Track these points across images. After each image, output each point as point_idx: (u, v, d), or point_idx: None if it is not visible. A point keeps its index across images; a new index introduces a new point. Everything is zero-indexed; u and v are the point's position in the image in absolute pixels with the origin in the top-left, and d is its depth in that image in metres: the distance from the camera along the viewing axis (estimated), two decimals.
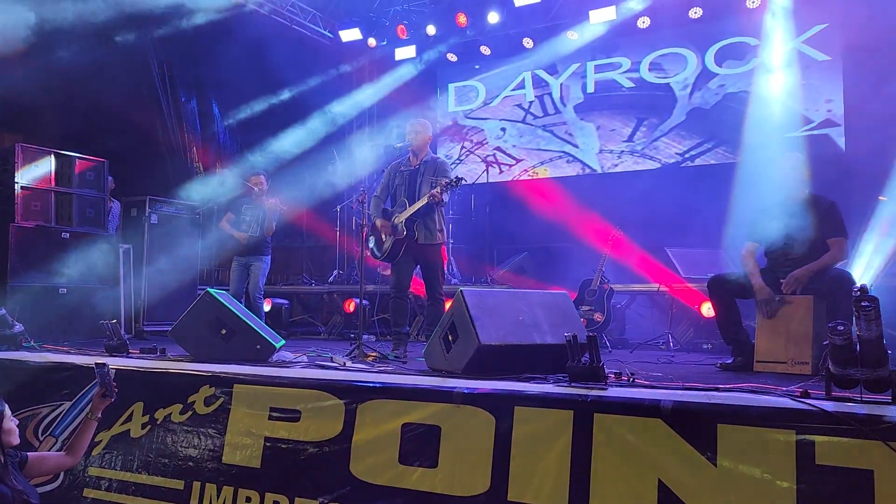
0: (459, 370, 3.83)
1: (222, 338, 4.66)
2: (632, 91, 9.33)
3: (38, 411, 4.41)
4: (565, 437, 3.06)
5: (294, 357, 4.83)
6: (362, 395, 3.60)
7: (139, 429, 4.09)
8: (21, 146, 6.79)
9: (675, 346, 6.54)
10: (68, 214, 7.09)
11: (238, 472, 3.74)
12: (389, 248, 5.45)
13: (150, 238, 7.70)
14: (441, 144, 10.52)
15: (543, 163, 9.92)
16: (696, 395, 3.06)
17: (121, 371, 4.24)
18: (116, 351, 4.94)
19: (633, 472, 2.91)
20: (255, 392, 3.87)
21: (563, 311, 4.20)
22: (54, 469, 3.84)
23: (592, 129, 9.61)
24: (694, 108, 8.95)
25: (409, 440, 3.39)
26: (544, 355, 3.84)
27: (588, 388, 3.22)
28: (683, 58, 9.01)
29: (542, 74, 9.95)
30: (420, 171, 5.47)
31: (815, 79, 8.21)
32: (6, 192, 6.70)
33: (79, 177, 7.18)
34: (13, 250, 6.49)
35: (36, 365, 4.61)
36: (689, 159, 8.95)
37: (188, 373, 4.17)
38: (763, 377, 3.91)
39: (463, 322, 3.86)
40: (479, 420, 3.27)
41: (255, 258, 6.89)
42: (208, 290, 4.82)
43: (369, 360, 4.89)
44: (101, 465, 4.11)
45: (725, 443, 2.78)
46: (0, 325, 5.25)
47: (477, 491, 3.18)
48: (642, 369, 4.31)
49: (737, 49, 8.66)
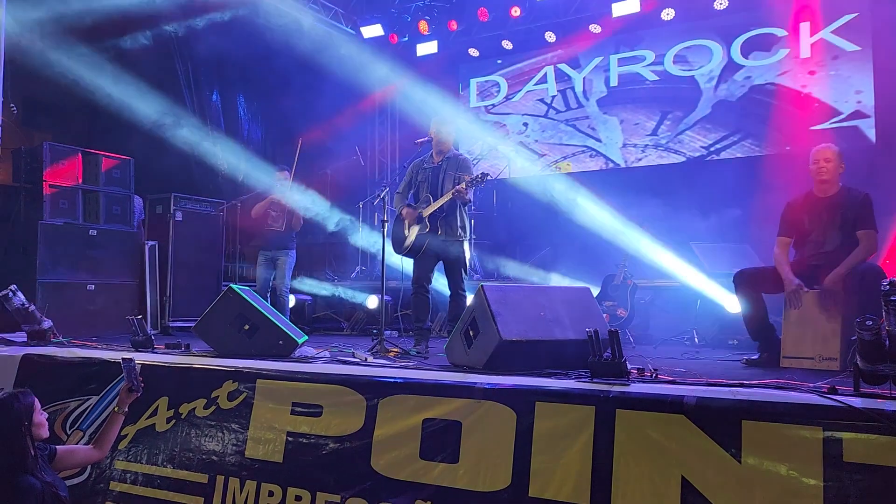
0: (481, 365, 3.82)
1: (245, 333, 4.69)
2: (656, 84, 9.22)
3: (67, 405, 4.48)
4: (587, 432, 3.04)
5: (316, 352, 4.85)
6: (384, 391, 3.61)
7: (164, 423, 4.14)
8: (49, 145, 6.91)
9: (699, 342, 6.47)
10: (95, 212, 7.20)
11: (261, 467, 3.77)
12: (412, 243, 5.45)
13: (174, 235, 7.78)
14: (464, 140, 10.50)
15: (566, 157, 9.86)
16: (720, 390, 3.02)
17: (146, 366, 4.29)
18: (142, 346, 5.00)
19: (656, 468, 2.88)
20: (278, 387, 3.90)
21: (585, 306, 4.17)
22: (82, 462, 3.90)
23: (616, 123, 9.52)
24: (719, 101, 8.82)
25: (431, 435, 3.40)
26: (566, 351, 3.81)
27: (610, 383, 3.20)
28: (708, 50, 8.88)
29: (564, 68, 9.88)
30: (443, 167, 5.46)
31: (844, 69, 8.05)
32: (35, 190, 6.81)
33: (105, 174, 7.29)
34: (42, 247, 6.60)
35: (64, 360, 4.68)
36: (715, 153, 8.84)
37: (212, 368, 4.21)
38: (789, 373, 3.85)
39: (484, 317, 3.84)
40: (500, 415, 3.26)
41: (281, 252, 6.95)
42: (231, 287, 4.85)
43: (391, 355, 4.89)
44: (128, 458, 4.16)
45: (750, 439, 2.74)
46: (29, 320, 5.33)
47: (498, 486, 3.17)
48: (666, 365, 4.26)
49: (763, 40, 8.52)
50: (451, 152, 5.55)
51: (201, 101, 9.85)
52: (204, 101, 9.89)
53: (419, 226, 5.40)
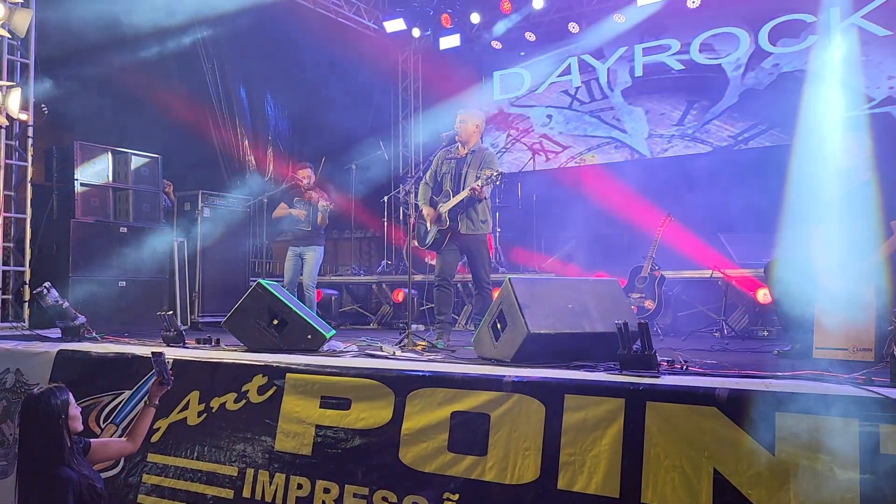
0: (509, 358, 3.82)
1: (274, 328, 4.73)
2: (681, 73, 9.10)
3: (100, 400, 4.56)
4: (617, 425, 3.02)
5: (344, 346, 4.87)
6: (412, 384, 3.61)
7: (195, 417, 4.19)
8: (79, 144, 7.02)
9: (729, 334, 6.39)
10: (125, 210, 7.31)
11: (290, 460, 3.81)
12: (434, 237, 5.45)
13: (203, 231, 7.86)
14: (487, 133, 10.44)
15: (591, 149, 9.79)
16: (752, 382, 2.98)
17: (178, 361, 4.34)
18: (173, 341, 5.06)
19: (688, 461, 2.86)
20: (307, 381, 3.93)
21: (613, 298, 4.14)
22: (116, 455, 3.96)
23: (641, 114, 9.42)
24: (747, 89, 8.69)
25: (459, 428, 3.39)
26: (594, 343, 3.79)
27: (640, 375, 3.17)
28: (735, 37, 8.74)
29: (588, 59, 9.79)
30: (467, 160, 5.44)
31: (875, 55, 7.88)
32: (67, 189, 6.94)
33: (134, 173, 7.39)
34: (74, 245, 6.72)
35: (98, 355, 4.76)
36: (743, 142, 8.71)
37: (242, 362, 4.25)
38: (823, 364, 3.78)
39: (511, 310, 3.83)
40: (528, 408, 3.25)
41: (309, 248, 7.02)
42: (260, 282, 4.89)
43: (418, 349, 4.90)
44: (160, 451, 4.22)
45: (784, 431, 2.70)
46: (63, 317, 5.43)
47: (526, 479, 3.17)
48: (696, 357, 4.22)
49: (792, 26, 8.36)
50: (476, 146, 5.53)
51: (229, 97, 9.94)
52: (232, 98, 9.98)
53: (440, 221, 5.40)
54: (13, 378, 4.88)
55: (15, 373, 4.89)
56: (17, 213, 6.71)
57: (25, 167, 6.75)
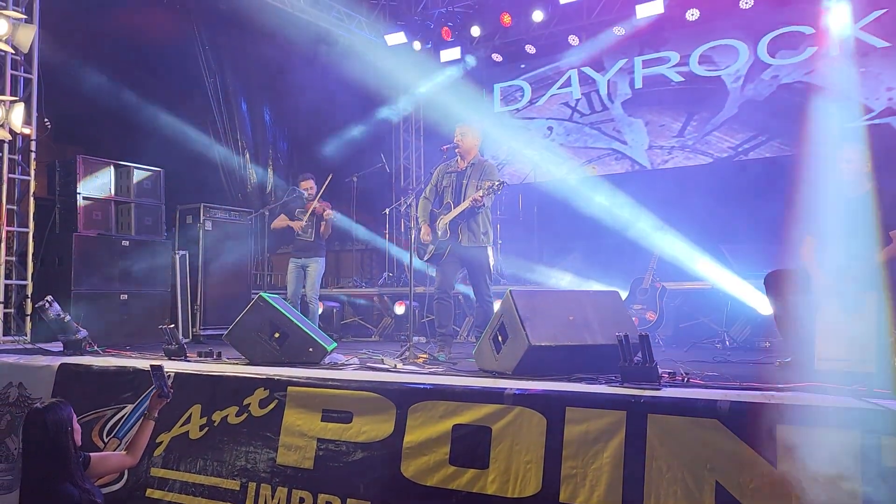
0: (510, 371, 3.82)
1: (276, 341, 4.74)
2: (681, 85, 9.13)
3: (103, 414, 4.56)
4: (618, 438, 3.02)
5: (346, 359, 4.88)
6: (413, 397, 3.62)
7: (197, 430, 4.19)
8: (82, 158, 7.05)
9: (731, 345, 6.38)
10: (127, 223, 7.33)
11: (292, 473, 3.80)
12: (434, 250, 5.47)
13: (204, 244, 7.88)
14: (487, 145, 10.49)
15: (591, 161, 9.81)
16: (754, 394, 2.98)
17: (179, 374, 4.35)
18: (175, 355, 5.06)
19: (690, 474, 2.85)
20: (309, 394, 3.93)
21: (614, 310, 4.14)
22: (115, 468, 3.96)
23: (641, 125, 9.45)
24: (746, 101, 8.71)
25: (460, 441, 3.40)
26: (595, 355, 3.79)
27: (642, 388, 3.17)
28: (735, 49, 8.78)
29: (588, 71, 9.83)
30: (467, 173, 5.47)
31: (874, 66, 7.91)
32: (69, 202, 6.97)
33: (137, 186, 7.42)
34: (76, 259, 6.74)
35: (99, 369, 4.76)
36: (743, 153, 8.72)
37: (243, 376, 4.26)
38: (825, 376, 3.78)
39: (512, 323, 3.84)
40: (530, 421, 3.25)
41: (311, 259, 7.01)
42: (261, 295, 4.90)
43: (420, 361, 4.90)
44: (162, 466, 4.22)
45: (786, 444, 2.70)
46: (65, 330, 5.43)
47: (528, 493, 3.16)
48: (697, 369, 4.21)
49: (791, 38, 8.39)
50: (476, 158, 5.55)
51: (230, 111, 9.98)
52: (233, 112, 10.02)
53: (440, 233, 5.41)
54: (16, 392, 4.88)
55: (18, 387, 4.89)
56: (20, 227, 6.74)
57: (28, 181, 6.79)
